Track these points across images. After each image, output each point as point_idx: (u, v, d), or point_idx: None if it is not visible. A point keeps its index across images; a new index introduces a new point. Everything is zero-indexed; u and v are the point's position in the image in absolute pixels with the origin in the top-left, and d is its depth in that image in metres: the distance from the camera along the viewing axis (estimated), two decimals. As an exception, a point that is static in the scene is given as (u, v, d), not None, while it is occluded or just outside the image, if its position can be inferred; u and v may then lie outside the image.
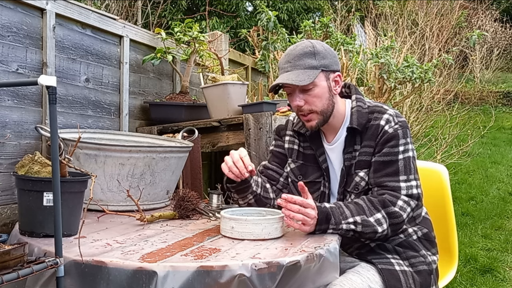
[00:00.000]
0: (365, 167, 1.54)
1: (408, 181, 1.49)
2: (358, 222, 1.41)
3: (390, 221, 1.44)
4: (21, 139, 1.90)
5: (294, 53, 1.54)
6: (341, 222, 1.41)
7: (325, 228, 1.41)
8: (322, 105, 1.54)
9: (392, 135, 1.51)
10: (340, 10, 6.74)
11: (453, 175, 5.33)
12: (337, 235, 1.42)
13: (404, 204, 1.46)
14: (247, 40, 4.39)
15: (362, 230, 1.42)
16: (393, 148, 1.51)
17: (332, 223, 1.41)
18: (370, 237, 1.45)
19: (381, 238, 1.48)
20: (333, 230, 1.42)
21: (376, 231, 1.42)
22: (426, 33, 6.05)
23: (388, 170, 1.50)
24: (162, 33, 2.56)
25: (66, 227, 1.29)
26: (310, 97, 1.53)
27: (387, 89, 3.67)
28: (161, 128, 2.52)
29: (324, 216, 1.41)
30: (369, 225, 1.42)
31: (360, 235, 1.44)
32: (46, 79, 1.02)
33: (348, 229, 1.42)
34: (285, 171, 1.73)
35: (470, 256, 3.26)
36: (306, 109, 1.54)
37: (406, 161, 1.51)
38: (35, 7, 1.95)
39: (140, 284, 1.04)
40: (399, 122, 1.54)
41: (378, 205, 1.45)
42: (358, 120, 1.55)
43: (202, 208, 1.72)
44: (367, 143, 1.55)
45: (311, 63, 1.51)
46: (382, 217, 1.43)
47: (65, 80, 2.12)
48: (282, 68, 1.56)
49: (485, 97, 9.60)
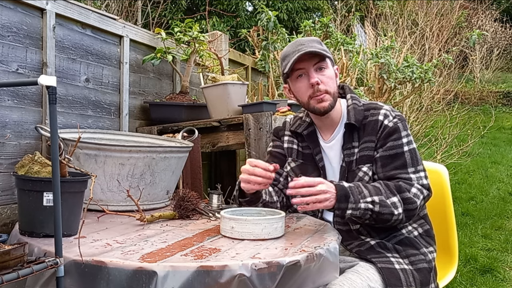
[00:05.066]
0: (367, 162, 1.55)
1: (416, 172, 1.51)
2: (376, 202, 1.42)
3: (405, 207, 1.44)
4: (21, 139, 1.90)
5: (303, 39, 1.60)
6: (359, 201, 1.41)
7: (344, 207, 1.40)
8: (334, 87, 1.59)
9: (393, 128, 1.54)
10: (340, 10, 6.74)
11: (453, 175, 5.33)
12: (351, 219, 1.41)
13: (417, 192, 1.48)
14: (247, 40, 4.39)
15: (379, 210, 1.41)
16: (397, 141, 1.53)
17: (351, 201, 1.40)
18: (386, 219, 1.44)
19: (394, 224, 1.47)
20: (352, 211, 1.41)
21: (393, 213, 1.43)
22: (426, 33, 6.05)
23: (396, 163, 1.52)
24: (162, 33, 2.56)
25: (66, 227, 1.29)
26: (324, 77, 1.56)
27: (387, 89, 3.67)
28: (161, 128, 2.52)
29: (343, 194, 1.40)
30: (386, 205, 1.42)
31: (377, 216, 1.43)
32: (46, 79, 1.02)
33: (367, 209, 1.41)
34: (285, 171, 1.74)
35: (470, 256, 3.27)
36: (322, 88, 1.56)
37: (412, 153, 1.53)
38: (35, 7, 1.95)
39: (140, 284, 1.04)
40: (396, 116, 1.57)
41: (394, 189, 1.46)
42: (355, 116, 1.58)
43: (202, 208, 1.72)
44: (367, 138, 1.56)
45: (322, 47, 1.58)
46: (398, 201, 1.44)
47: (65, 80, 2.12)
48: (296, 50, 1.55)
49: (485, 97, 9.61)
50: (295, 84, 1.61)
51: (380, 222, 1.46)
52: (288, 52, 1.58)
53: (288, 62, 1.56)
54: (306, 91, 1.58)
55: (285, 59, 1.59)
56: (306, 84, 1.57)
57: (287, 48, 1.60)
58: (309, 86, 1.56)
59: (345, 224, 1.59)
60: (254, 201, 1.60)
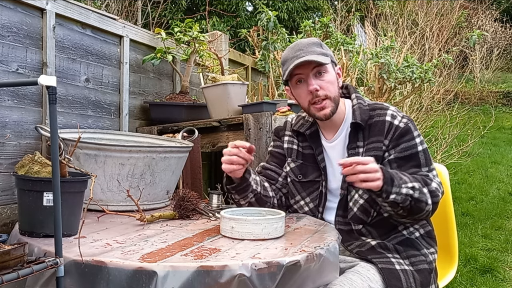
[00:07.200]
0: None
1: (430, 171, 1.53)
2: (416, 188, 1.42)
3: (432, 199, 1.45)
4: (21, 139, 1.90)
5: (303, 42, 1.58)
6: (401, 186, 1.40)
7: (389, 190, 1.39)
8: (334, 92, 1.58)
9: (405, 129, 1.54)
10: (340, 10, 6.74)
11: (453, 175, 5.33)
12: (393, 205, 1.40)
13: (438, 186, 1.49)
14: (247, 40, 4.39)
15: (418, 196, 1.41)
16: (410, 142, 1.54)
17: (396, 185, 1.39)
18: (421, 208, 1.43)
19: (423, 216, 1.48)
20: (395, 195, 1.39)
21: (427, 202, 1.43)
22: (426, 33, 6.05)
23: (412, 163, 1.53)
24: (162, 33, 2.56)
25: (66, 227, 1.29)
26: (324, 82, 1.55)
27: (387, 89, 3.68)
28: (161, 128, 2.52)
29: (389, 177, 1.40)
30: (423, 193, 1.43)
31: (415, 204, 1.42)
32: (46, 79, 1.02)
33: (407, 194, 1.40)
34: (284, 171, 1.73)
35: (470, 256, 3.27)
36: (322, 94, 1.55)
37: (425, 152, 1.54)
38: (35, 7, 1.95)
39: (140, 284, 1.04)
40: (404, 116, 1.58)
41: (422, 181, 1.46)
42: (361, 115, 1.58)
43: (202, 208, 1.71)
44: (374, 139, 1.56)
45: (322, 50, 1.57)
46: (427, 192, 1.44)
47: (65, 80, 2.12)
48: (293, 56, 1.55)
49: (485, 97, 9.61)
50: (295, 89, 1.61)
51: (415, 211, 1.45)
52: (287, 57, 1.58)
53: (287, 68, 1.56)
54: (306, 97, 1.58)
55: (284, 64, 1.60)
56: (305, 90, 1.57)
57: (286, 52, 1.60)
58: (308, 93, 1.56)
59: (346, 224, 1.59)
60: (242, 189, 1.59)
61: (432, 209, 1.47)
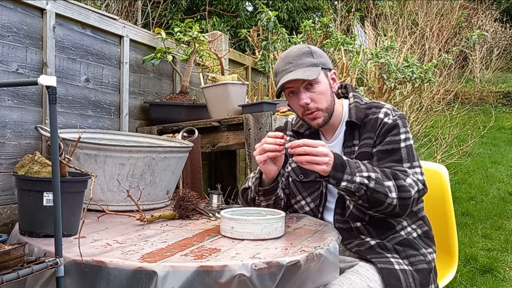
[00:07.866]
0: (365, 158, 1.55)
1: (412, 168, 1.51)
2: (372, 178, 1.41)
3: (399, 194, 1.43)
4: (21, 139, 1.90)
5: (292, 54, 1.57)
6: (355, 174, 1.40)
7: (339, 177, 1.39)
8: (326, 102, 1.57)
9: (392, 125, 1.54)
10: (340, 10, 6.74)
11: (453, 175, 5.33)
12: (349, 193, 1.41)
13: (412, 183, 1.47)
14: (247, 40, 4.39)
15: (374, 187, 1.40)
16: (395, 137, 1.53)
17: (347, 172, 1.39)
18: (380, 199, 1.41)
19: (387, 210, 1.45)
20: (347, 183, 1.39)
21: (387, 194, 1.41)
22: (426, 33, 6.06)
23: (392, 157, 1.52)
24: (162, 33, 2.56)
25: (66, 227, 1.29)
26: (315, 94, 1.55)
27: (387, 89, 3.68)
28: (161, 128, 2.52)
29: (340, 163, 1.40)
30: (381, 184, 1.41)
31: (371, 194, 1.40)
32: (46, 79, 1.02)
33: (362, 183, 1.40)
34: (286, 171, 1.74)
35: (470, 256, 3.27)
36: (313, 106, 1.56)
37: (408, 149, 1.53)
38: (35, 7, 1.95)
39: (140, 284, 1.04)
40: (397, 114, 1.58)
41: (389, 175, 1.45)
42: (357, 114, 1.59)
43: (202, 208, 1.71)
44: (366, 135, 1.57)
45: (311, 61, 1.55)
46: (392, 186, 1.43)
47: (65, 80, 2.12)
48: (283, 70, 1.56)
49: (485, 97, 9.61)
50: (289, 100, 1.63)
51: (374, 203, 1.43)
52: (278, 70, 1.60)
53: (278, 81, 1.57)
54: (298, 109, 1.60)
55: (277, 75, 1.61)
56: (297, 103, 1.58)
57: (277, 64, 1.60)
58: (299, 106, 1.57)
59: (345, 222, 1.59)
60: (272, 191, 1.61)
61: (399, 204, 1.43)
